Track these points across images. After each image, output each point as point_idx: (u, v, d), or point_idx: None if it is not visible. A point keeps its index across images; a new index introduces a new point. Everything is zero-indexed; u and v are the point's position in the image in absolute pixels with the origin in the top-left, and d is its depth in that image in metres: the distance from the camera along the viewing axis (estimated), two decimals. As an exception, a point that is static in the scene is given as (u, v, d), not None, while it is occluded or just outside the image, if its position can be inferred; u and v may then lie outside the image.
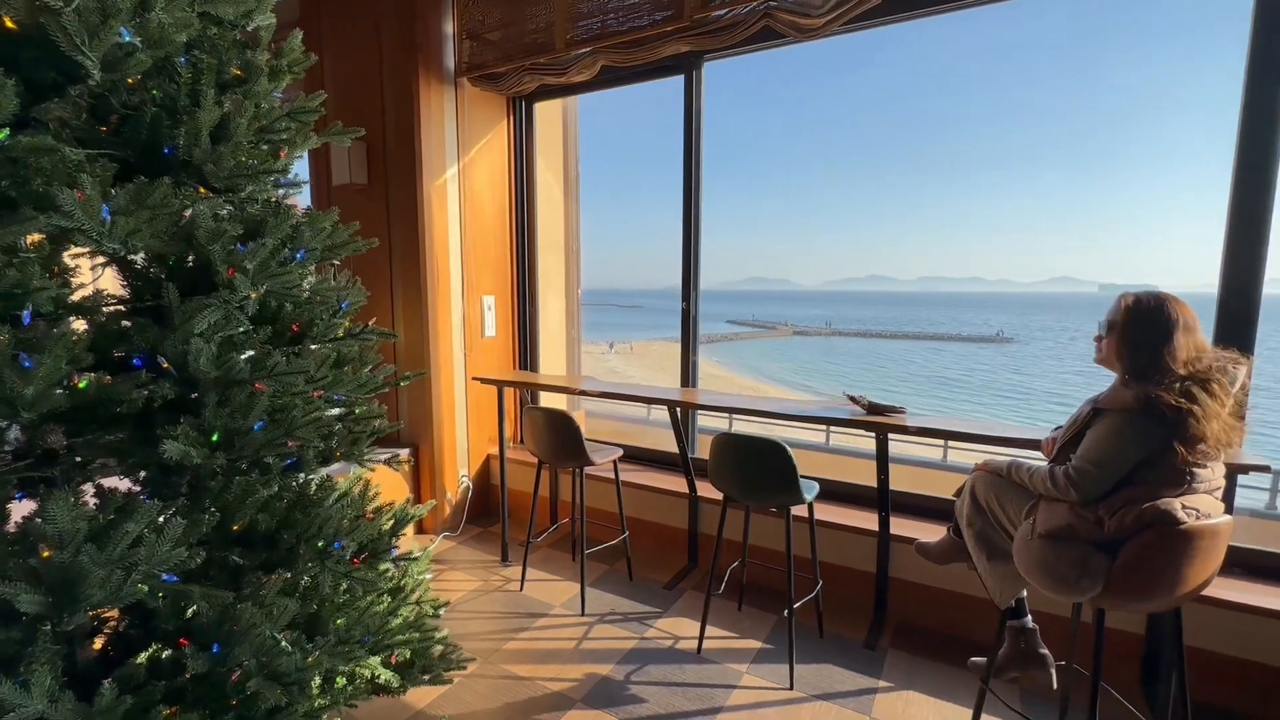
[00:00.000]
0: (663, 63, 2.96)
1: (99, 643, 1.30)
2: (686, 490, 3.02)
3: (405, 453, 3.35)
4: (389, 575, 1.61)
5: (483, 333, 3.58)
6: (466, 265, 3.45)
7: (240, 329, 1.24)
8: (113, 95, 1.17)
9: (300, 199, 1.58)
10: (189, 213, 1.20)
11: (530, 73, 3.17)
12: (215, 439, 1.16)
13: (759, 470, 2.16)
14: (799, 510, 2.30)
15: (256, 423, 1.19)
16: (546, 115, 3.76)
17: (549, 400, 3.70)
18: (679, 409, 2.85)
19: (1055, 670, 1.76)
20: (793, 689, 2.12)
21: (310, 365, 1.34)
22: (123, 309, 1.30)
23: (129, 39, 1.07)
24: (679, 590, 2.82)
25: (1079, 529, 1.45)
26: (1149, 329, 1.44)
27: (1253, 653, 1.97)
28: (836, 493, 2.85)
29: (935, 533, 2.11)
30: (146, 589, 1.03)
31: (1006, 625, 1.78)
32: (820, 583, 2.45)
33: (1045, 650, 1.77)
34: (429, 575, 1.79)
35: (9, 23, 1.03)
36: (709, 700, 2.06)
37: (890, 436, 2.31)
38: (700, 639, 2.37)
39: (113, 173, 1.11)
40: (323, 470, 1.54)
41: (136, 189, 1.09)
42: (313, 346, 1.46)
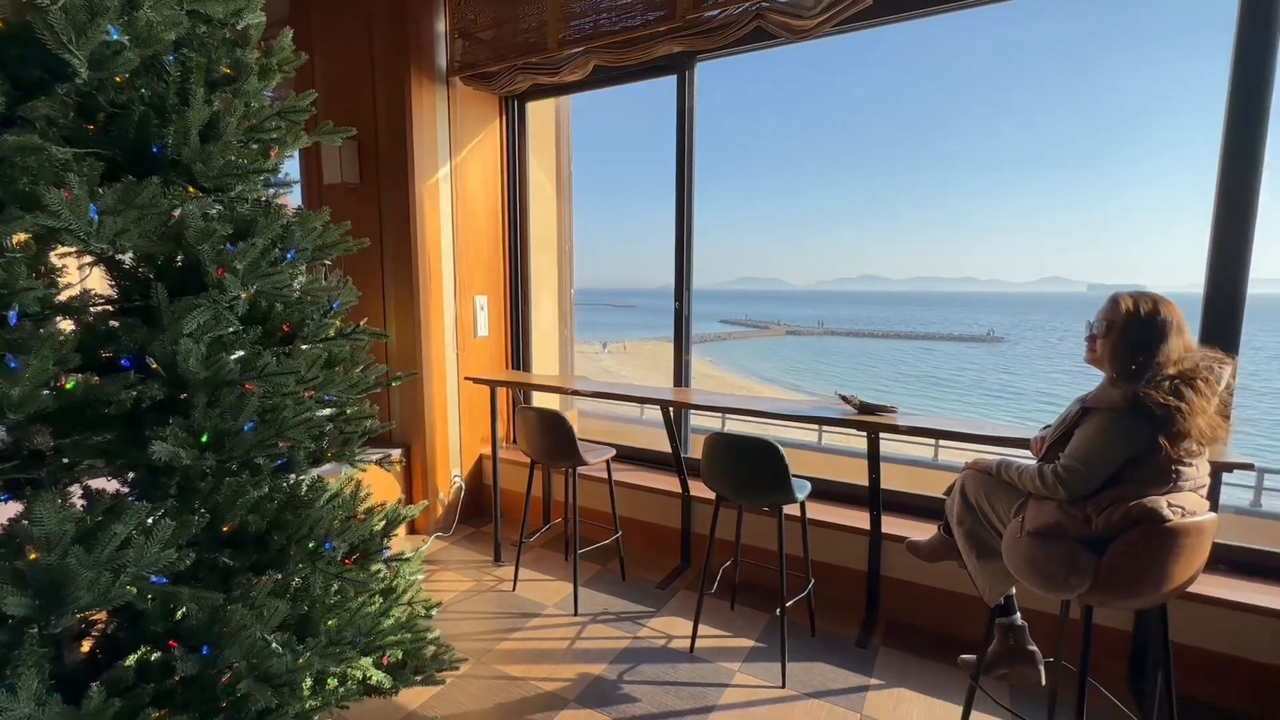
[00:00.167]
0: (655, 63, 2.96)
1: (87, 645, 1.29)
2: (679, 490, 3.03)
3: (397, 453, 3.34)
4: (380, 576, 1.61)
5: (475, 332, 3.57)
6: (459, 265, 3.44)
7: (230, 329, 1.23)
8: (100, 94, 1.16)
9: (291, 198, 1.57)
10: (178, 212, 1.19)
11: (523, 72, 3.16)
12: (205, 440, 1.15)
13: (751, 470, 2.17)
14: (791, 509, 2.31)
15: (247, 423, 1.18)
16: (539, 115, 3.76)
17: (542, 400, 3.69)
18: (672, 409, 2.86)
19: (1044, 667, 1.78)
20: (785, 687, 2.13)
21: (301, 366, 1.33)
22: (111, 309, 1.29)
23: (117, 37, 1.06)
24: (672, 590, 2.83)
25: (1067, 527, 1.47)
26: (1146, 332, 1.46)
27: (1237, 648, 1.99)
28: (828, 492, 2.86)
29: (926, 531, 2.12)
30: (135, 591, 1.02)
31: (996, 623, 1.80)
32: (812, 581, 2.46)
33: (1034, 647, 1.79)
34: (421, 576, 1.79)
35: (-5, 20, 1.02)
36: (702, 699, 2.07)
37: (882, 436, 2.33)
38: (693, 638, 2.38)
39: (100, 172, 1.10)
40: (314, 471, 1.53)
41: (125, 188, 1.08)
42: (304, 347, 1.45)
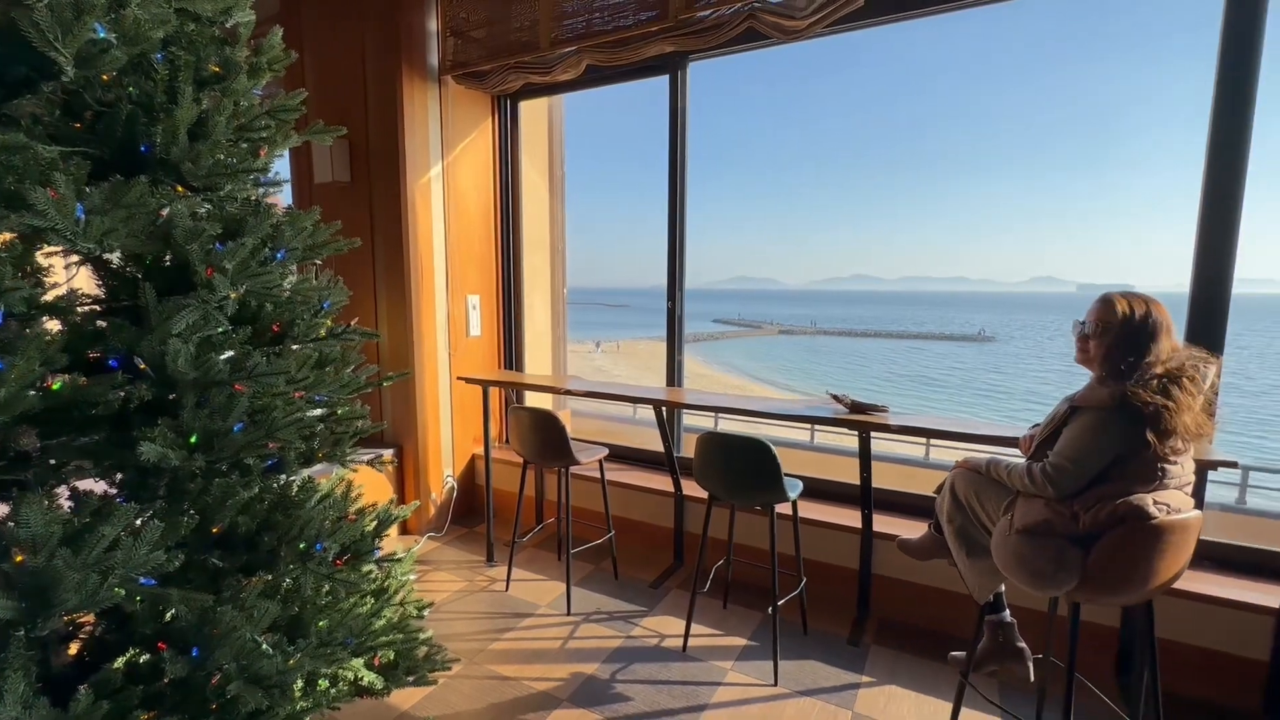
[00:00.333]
0: (648, 62, 2.96)
1: (75, 648, 1.28)
2: (672, 489, 3.03)
3: (389, 453, 3.33)
4: (372, 577, 1.60)
5: (467, 332, 3.56)
6: (451, 264, 3.43)
7: (219, 329, 1.23)
8: (87, 92, 1.15)
9: (282, 197, 1.56)
10: (166, 211, 1.18)
11: (515, 71, 3.16)
12: (194, 440, 1.14)
13: (743, 469, 2.17)
14: (783, 508, 2.32)
15: (236, 424, 1.17)
16: (532, 114, 3.75)
17: (535, 400, 3.69)
18: (664, 408, 2.86)
19: (1032, 663, 1.80)
20: (777, 685, 2.13)
21: (291, 366, 1.33)
22: (98, 309, 1.28)
23: (104, 35, 1.05)
24: (664, 589, 2.83)
25: (1055, 524, 1.48)
26: (1139, 334, 1.48)
27: (1222, 643, 2.02)
28: (820, 490, 2.87)
29: (917, 529, 2.14)
30: (123, 593, 1.01)
31: (985, 620, 1.81)
32: (804, 580, 2.48)
33: (1023, 644, 1.80)
34: (413, 576, 1.79)
35: (-21, 17, 1.01)
36: (694, 698, 2.07)
37: (873, 435, 2.34)
38: (685, 637, 2.38)
39: (87, 171, 1.09)
40: (304, 471, 1.52)
41: (112, 187, 1.07)
42: (294, 347, 1.45)
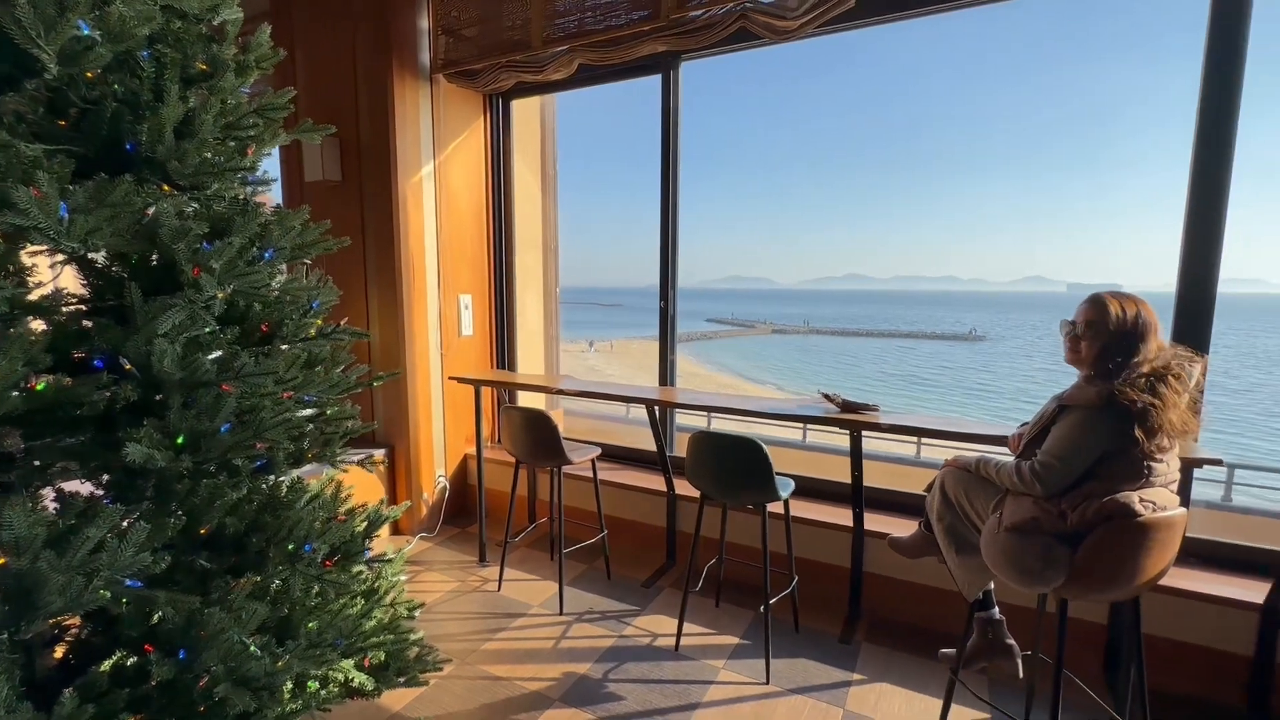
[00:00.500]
0: (640, 62, 2.96)
1: (60, 651, 1.27)
2: (665, 488, 3.03)
3: (380, 454, 3.32)
4: (362, 577, 1.59)
5: (460, 332, 3.55)
6: (443, 264, 3.42)
7: (206, 329, 1.22)
8: (71, 89, 1.14)
9: (271, 196, 1.55)
10: (152, 210, 1.17)
11: (507, 70, 3.15)
12: (181, 441, 1.13)
13: (735, 468, 2.18)
14: (775, 507, 2.33)
15: (223, 425, 1.16)
16: (524, 113, 3.74)
17: (527, 399, 3.68)
18: (657, 408, 2.86)
19: (1021, 660, 1.81)
20: (769, 683, 2.14)
21: (280, 366, 1.32)
22: (83, 309, 1.27)
23: (88, 32, 1.04)
24: (657, 588, 2.84)
25: (1043, 522, 1.50)
26: (1130, 335, 1.49)
27: (1207, 639, 2.04)
28: (812, 489, 2.89)
29: (908, 528, 2.15)
30: (109, 595, 1.01)
31: (975, 617, 1.83)
32: (796, 578, 2.48)
33: (1012, 641, 1.82)
34: (404, 577, 1.78)
35: (-40, 14, 1.00)
36: (686, 696, 2.08)
37: (864, 433, 2.35)
38: (678, 636, 2.39)
39: (71, 169, 1.08)
40: (294, 472, 1.51)
41: (96, 186, 1.06)
42: (283, 347, 1.44)
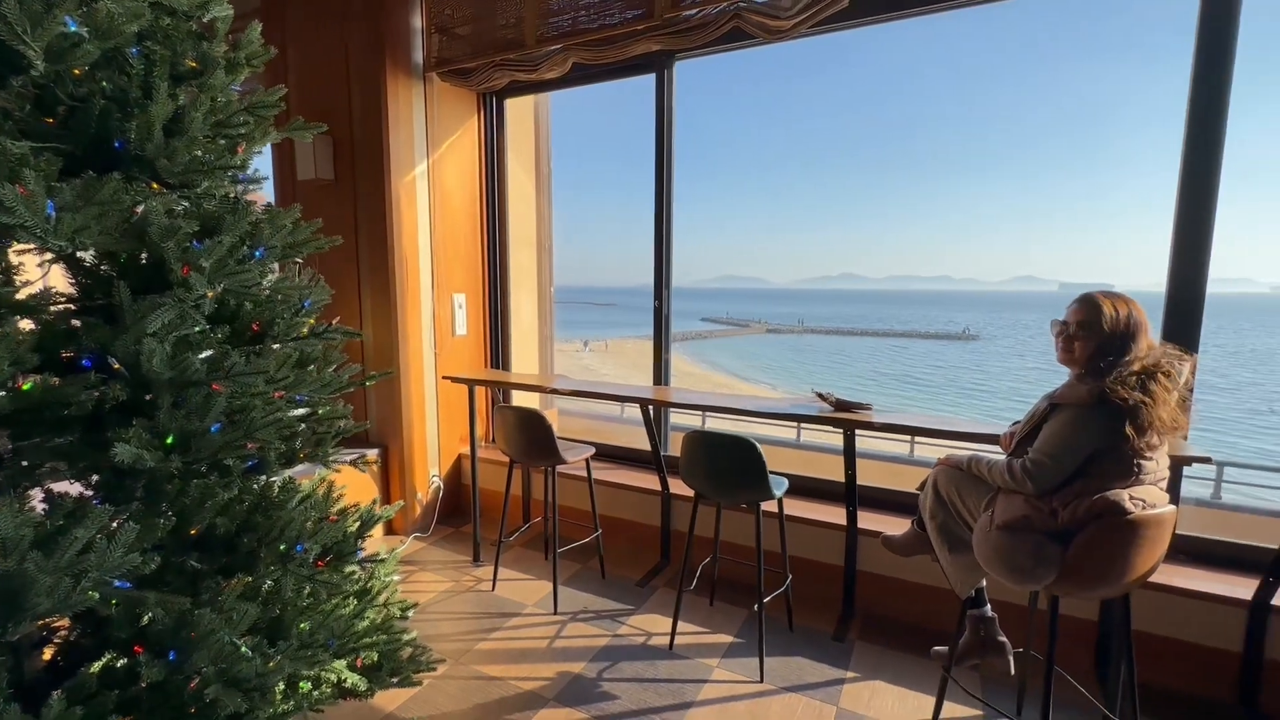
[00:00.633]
0: (634, 61, 2.96)
1: (49, 653, 1.26)
2: (659, 488, 3.04)
3: (373, 453, 3.30)
4: (355, 578, 1.59)
5: (453, 331, 3.54)
6: (437, 263, 3.40)
7: (196, 328, 1.21)
8: (59, 87, 1.13)
9: (264, 194, 1.54)
10: (141, 209, 1.16)
11: (501, 68, 3.14)
12: (170, 441, 1.12)
13: (729, 467, 2.18)
14: (769, 506, 2.33)
15: (213, 424, 1.16)
16: (518, 111, 3.73)
17: (521, 399, 3.68)
18: (651, 407, 2.86)
19: (1013, 657, 1.82)
20: (763, 682, 2.15)
21: (271, 365, 1.31)
22: (72, 308, 1.26)
23: (75, 29, 1.03)
24: (651, 587, 2.84)
25: (1034, 520, 1.50)
26: (1124, 334, 1.51)
27: (1196, 635, 2.06)
28: (806, 488, 2.89)
29: (901, 526, 2.15)
30: (97, 596, 1.00)
31: (967, 615, 1.83)
32: (790, 577, 2.49)
33: (1004, 638, 1.83)
34: (397, 577, 1.77)
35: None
36: (680, 695, 2.08)
37: (857, 432, 2.36)
38: (672, 635, 2.39)
39: (59, 167, 1.07)
40: (286, 472, 1.51)
41: (84, 184, 1.05)
42: (275, 346, 1.43)
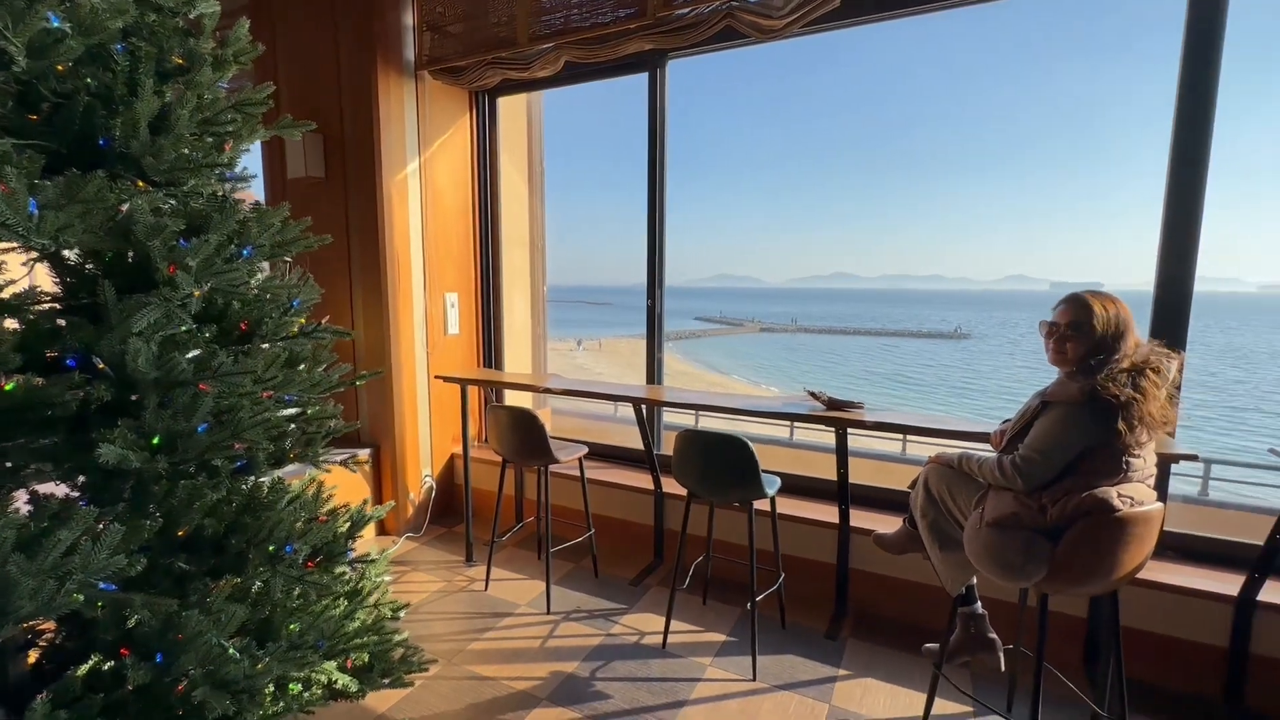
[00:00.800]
0: (627, 60, 2.95)
1: (33, 656, 1.24)
2: (652, 487, 3.04)
3: (364, 453, 3.28)
4: (345, 578, 1.58)
5: (445, 330, 3.52)
6: (429, 262, 3.39)
7: (183, 328, 1.20)
8: (42, 83, 1.11)
9: (254, 193, 1.53)
10: (126, 207, 1.15)
11: (493, 67, 3.13)
12: (156, 442, 1.11)
13: (722, 466, 2.18)
14: (761, 504, 2.33)
15: (200, 425, 1.15)
16: (510, 110, 3.72)
17: (515, 398, 3.67)
18: (644, 406, 2.86)
19: (1003, 653, 1.83)
20: (755, 680, 2.15)
21: (259, 365, 1.30)
22: (56, 307, 1.24)
23: (58, 24, 1.02)
24: (644, 586, 2.84)
25: (1024, 517, 1.51)
26: (1115, 333, 1.52)
27: (1184, 631, 2.08)
28: (798, 487, 2.90)
29: (892, 524, 2.16)
30: (82, 599, 0.98)
31: (958, 612, 1.85)
32: (782, 575, 2.50)
33: (994, 635, 1.84)
34: (388, 578, 1.77)
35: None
36: (673, 694, 2.08)
37: (849, 431, 2.37)
38: (665, 634, 2.39)
39: (41, 164, 1.06)
40: (275, 472, 1.49)
41: (67, 182, 1.04)
42: (263, 345, 1.42)
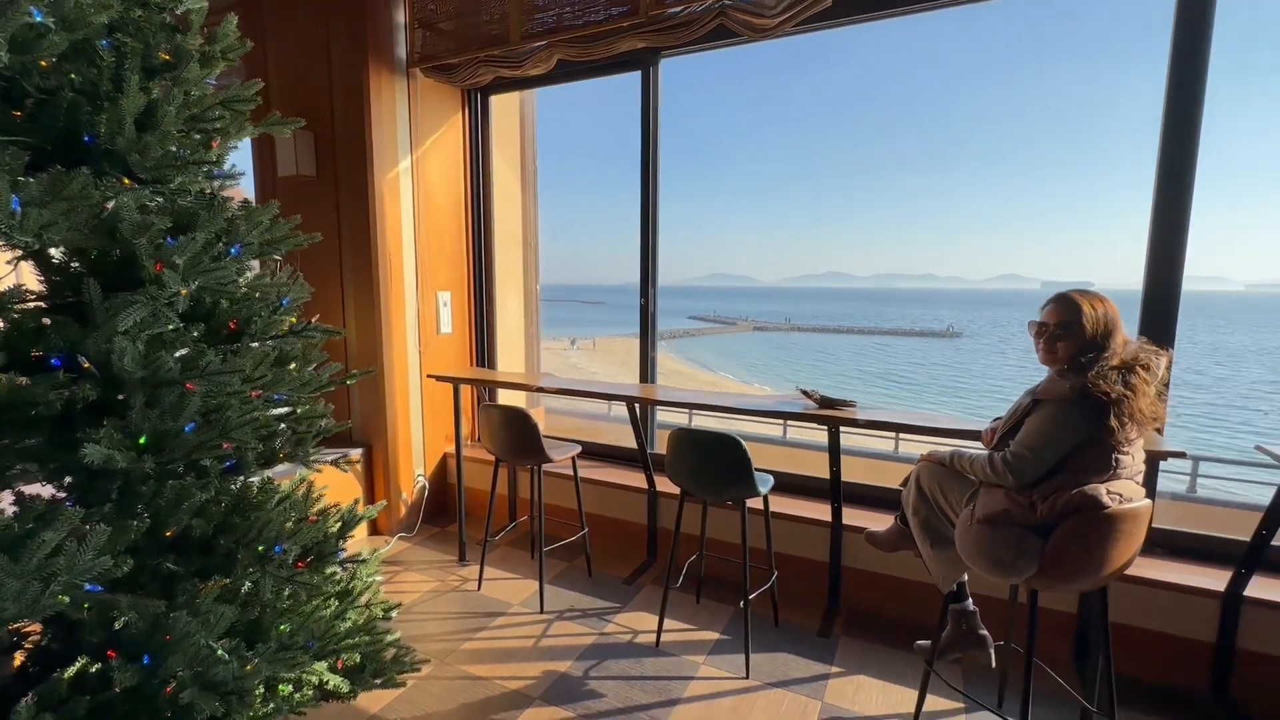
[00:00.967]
0: (619, 58, 2.95)
1: (19, 658, 1.23)
2: (645, 485, 3.03)
3: (356, 453, 3.27)
4: (336, 579, 1.57)
5: (438, 329, 3.51)
6: (421, 261, 3.37)
7: (170, 327, 1.18)
8: (25, 79, 1.10)
9: (245, 190, 1.52)
10: (111, 204, 1.13)
11: (485, 65, 3.12)
12: (143, 442, 1.10)
13: (715, 464, 2.18)
14: (754, 503, 2.34)
15: (188, 424, 1.14)
16: (503, 108, 3.71)
17: (508, 398, 3.66)
18: (637, 405, 2.86)
19: (994, 650, 1.84)
20: (748, 678, 2.16)
21: (247, 364, 1.29)
22: (42, 306, 1.23)
23: (41, 19, 1.01)
24: (638, 585, 2.84)
25: (1014, 513, 1.52)
26: (1104, 333, 1.53)
27: (1172, 627, 2.10)
28: (791, 485, 2.91)
29: (885, 522, 2.17)
30: (67, 600, 0.97)
31: (949, 609, 1.85)
32: (775, 573, 2.50)
33: (985, 631, 1.85)
34: (379, 578, 1.76)
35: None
36: (666, 692, 2.08)
37: (842, 429, 2.38)
38: (658, 632, 2.39)
39: (25, 161, 1.04)
40: (265, 472, 1.48)
41: (51, 178, 1.02)
42: (253, 344, 1.41)
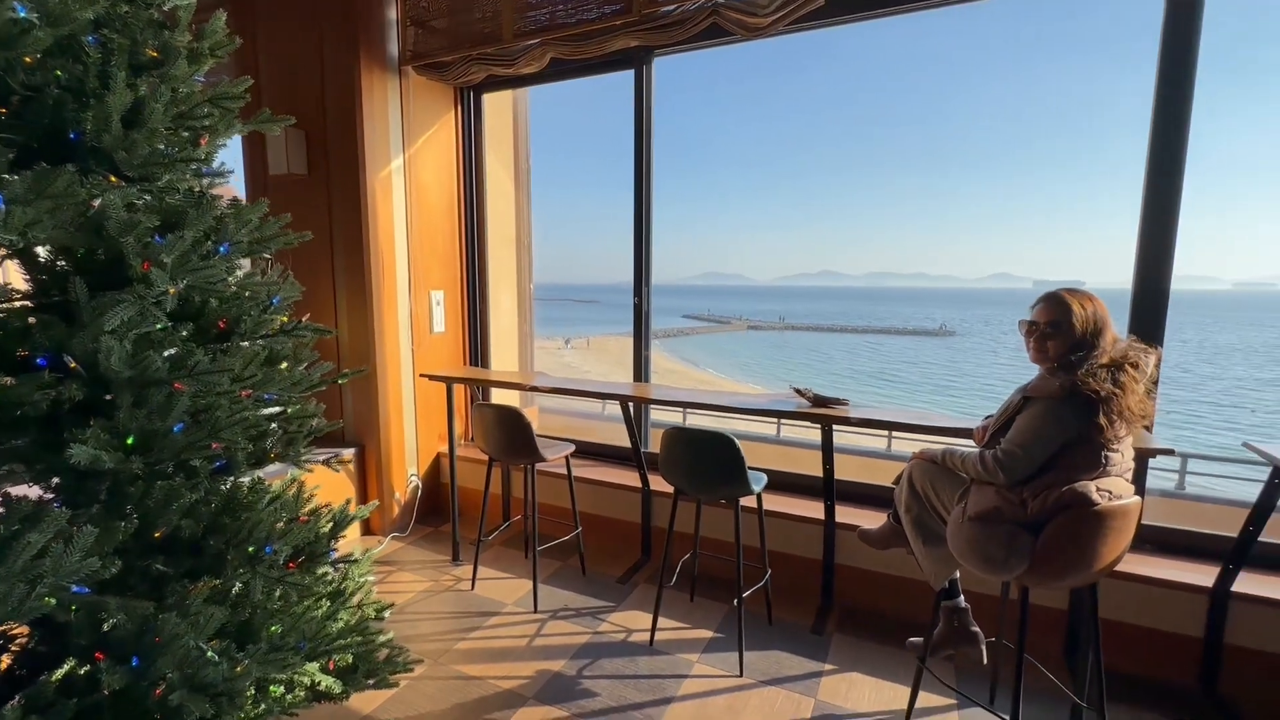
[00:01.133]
0: (613, 57, 2.94)
1: (6, 661, 1.22)
2: (639, 484, 3.03)
3: (348, 453, 3.25)
4: (328, 579, 1.56)
5: (431, 328, 3.50)
6: (414, 259, 3.36)
7: (158, 326, 1.17)
8: (10, 75, 1.09)
9: (235, 189, 1.51)
10: (98, 202, 1.12)
11: (478, 63, 3.10)
12: (131, 442, 1.09)
13: (708, 463, 2.19)
14: (748, 501, 2.34)
15: (176, 424, 1.13)
16: (496, 107, 3.70)
17: (501, 397, 3.65)
18: (631, 404, 2.86)
19: (985, 646, 1.86)
20: (742, 676, 2.16)
21: (237, 363, 1.28)
22: (28, 305, 1.22)
23: (24, 15, 0.99)
24: (632, 584, 2.84)
25: (1005, 511, 1.53)
26: (1092, 331, 1.54)
27: (1161, 622, 2.12)
28: (784, 483, 2.91)
29: (877, 520, 2.18)
30: (54, 602, 0.96)
31: (941, 606, 1.86)
32: (769, 571, 2.51)
33: (976, 628, 1.86)
34: (372, 578, 1.75)
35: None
36: (660, 691, 2.08)
37: (834, 427, 2.38)
38: (652, 631, 2.39)
39: (9, 159, 1.03)
40: (256, 472, 1.48)
41: (36, 176, 1.01)
42: (242, 344, 1.40)
